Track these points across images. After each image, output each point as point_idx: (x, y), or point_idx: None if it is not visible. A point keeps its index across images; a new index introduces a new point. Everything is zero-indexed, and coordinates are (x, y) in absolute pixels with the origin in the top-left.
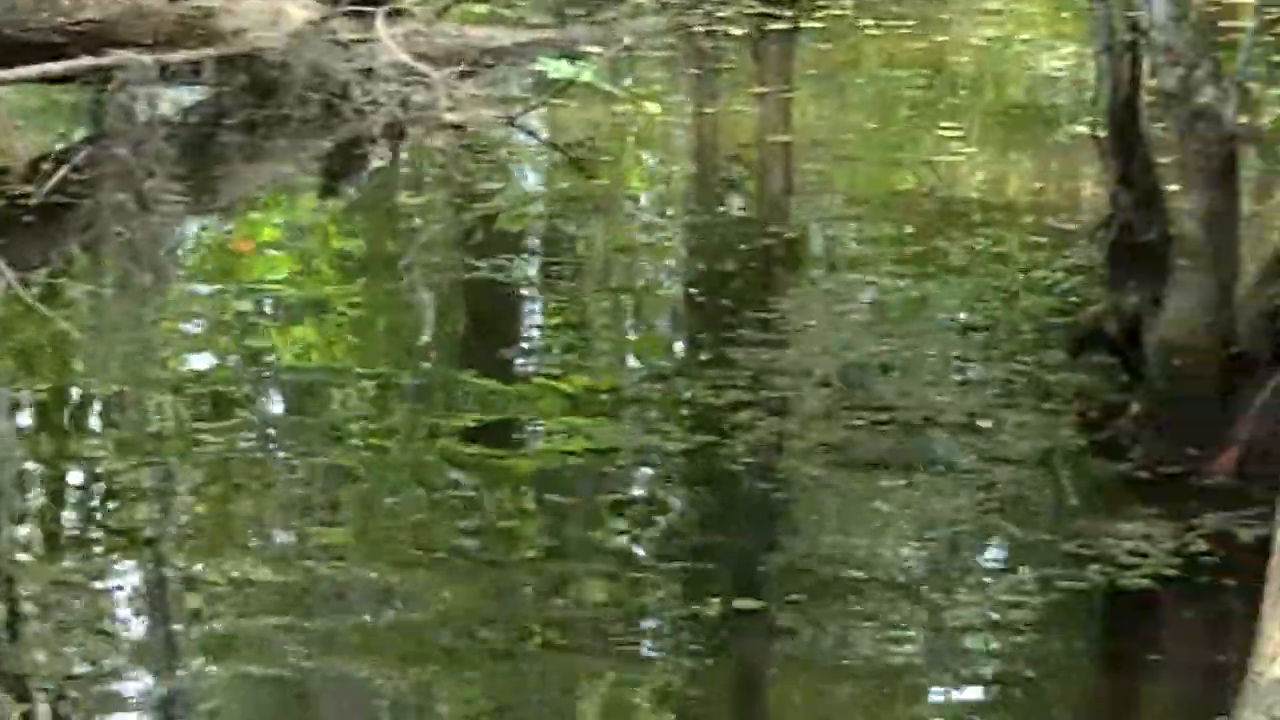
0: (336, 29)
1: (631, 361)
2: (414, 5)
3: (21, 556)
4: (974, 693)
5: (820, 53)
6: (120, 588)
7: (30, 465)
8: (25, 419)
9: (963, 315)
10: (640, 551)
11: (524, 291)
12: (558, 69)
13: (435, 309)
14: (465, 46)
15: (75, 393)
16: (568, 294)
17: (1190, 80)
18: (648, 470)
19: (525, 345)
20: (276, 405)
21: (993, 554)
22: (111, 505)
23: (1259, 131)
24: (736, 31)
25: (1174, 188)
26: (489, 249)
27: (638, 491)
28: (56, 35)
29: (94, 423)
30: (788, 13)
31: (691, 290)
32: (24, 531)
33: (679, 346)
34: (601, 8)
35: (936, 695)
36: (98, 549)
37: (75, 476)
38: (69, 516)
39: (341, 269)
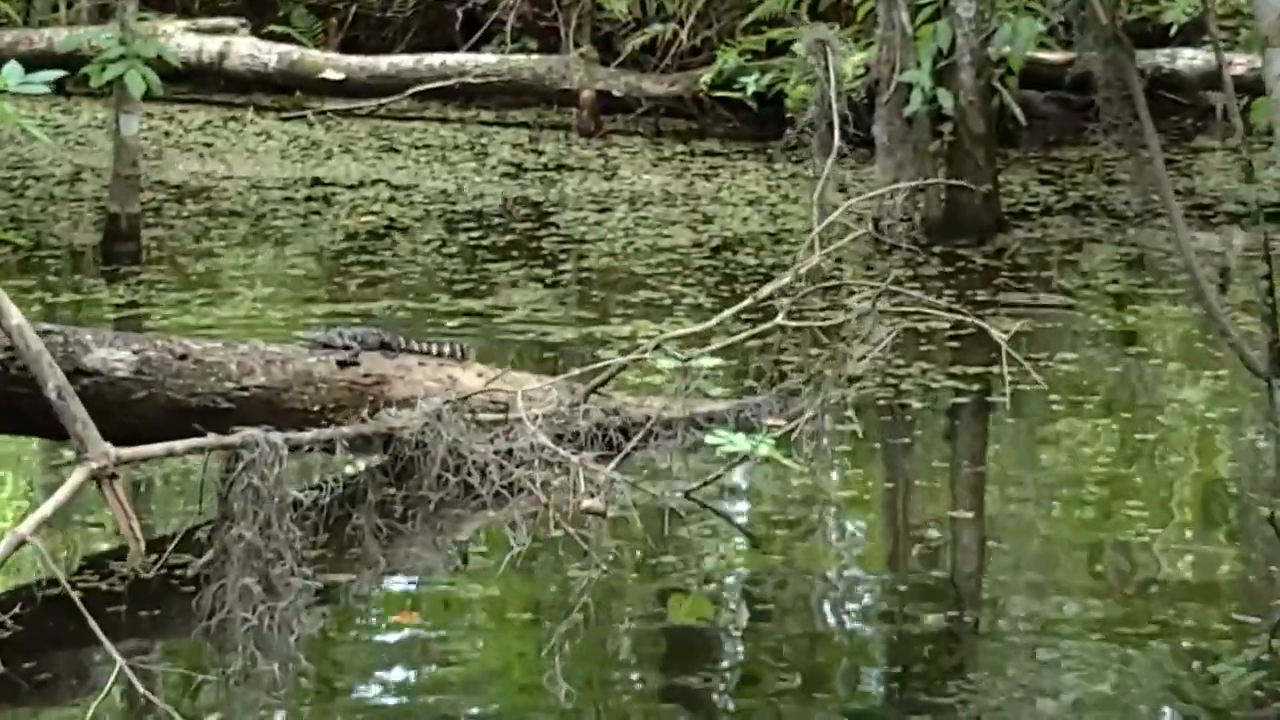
0: (476, 408)
1: None
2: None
3: None
4: None
5: (1007, 427)
6: None
7: None
8: None
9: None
10: None
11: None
12: (731, 442)
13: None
14: (629, 421)
15: None
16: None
17: None
18: None
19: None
20: None
21: None
22: None
23: None
24: (921, 405)
25: None
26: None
27: None
28: (224, 401)
29: None
30: (975, 387)
31: (868, 670)
32: None
33: None
34: (781, 380)
35: None
36: None
37: None
38: None
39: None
